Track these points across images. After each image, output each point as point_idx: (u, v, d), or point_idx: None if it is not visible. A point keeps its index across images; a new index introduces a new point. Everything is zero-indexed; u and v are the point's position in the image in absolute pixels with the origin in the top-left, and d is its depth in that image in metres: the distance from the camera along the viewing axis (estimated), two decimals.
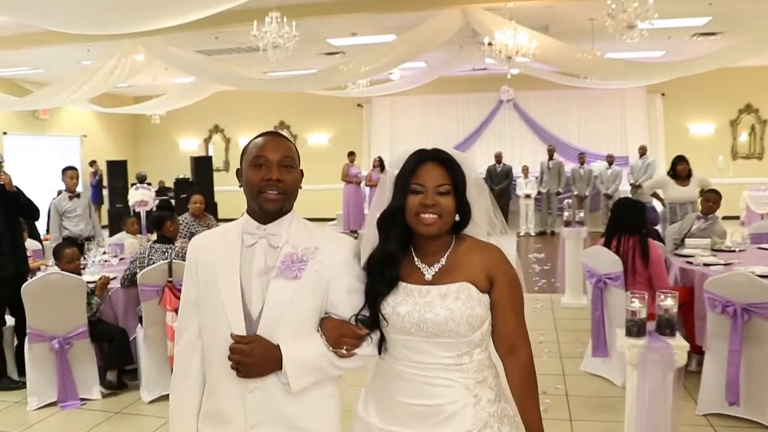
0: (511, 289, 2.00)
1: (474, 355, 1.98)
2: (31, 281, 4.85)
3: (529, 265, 10.35)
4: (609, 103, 16.21)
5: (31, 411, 4.85)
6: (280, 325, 1.91)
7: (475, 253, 2.00)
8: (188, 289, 2.06)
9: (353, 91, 13.56)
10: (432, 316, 1.92)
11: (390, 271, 1.99)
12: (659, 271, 4.89)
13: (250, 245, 1.98)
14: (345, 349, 1.93)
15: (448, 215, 1.97)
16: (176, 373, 2.09)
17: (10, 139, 15.06)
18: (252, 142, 2.03)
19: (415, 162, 2.00)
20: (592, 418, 4.43)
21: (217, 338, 1.94)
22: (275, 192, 1.94)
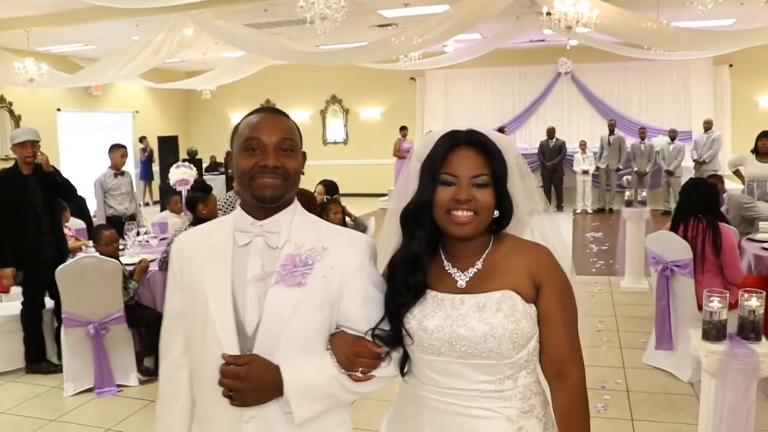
0: (562, 298, 1.65)
1: (519, 380, 1.63)
2: (65, 264, 4.70)
3: (586, 245, 9.92)
4: (672, 75, 15.43)
5: (68, 397, 4.74)
6: (280, 342, 1.58)
7: (518, 255, 1.66)
8: (172, 297, 1.74)
9: (405, 64, 13.17)
10: (467, 331, 1.58)
11: (415, 278, 1.65)
12: (732, 260, 4.47)
13: (243, 245, 1.65)
14: (360, 371, 1.60)
15: (485, 212, 1.62)
16: (162, 396, 1.78)
17: (64, 115, 15.20)
18: (243, 120, 1.69)
19: (446, 147, 1.65)
20: (656, 418, 4.07)
21: (206, 358, 1.62)
22: (273, 177, 1.61)
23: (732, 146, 14.30)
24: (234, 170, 1.66)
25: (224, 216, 1.79)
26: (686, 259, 4.48)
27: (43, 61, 11.60)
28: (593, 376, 4.69)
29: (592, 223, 12.21)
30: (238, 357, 1.57)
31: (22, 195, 5.15)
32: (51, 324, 5.37)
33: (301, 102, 17.89)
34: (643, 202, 7.27)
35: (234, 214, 1.71)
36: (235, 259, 1.64)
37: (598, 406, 4.23)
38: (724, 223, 4.61)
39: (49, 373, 5.14)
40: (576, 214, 13.36)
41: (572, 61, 15.61)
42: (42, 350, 5.29)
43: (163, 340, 1.78)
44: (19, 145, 5.16)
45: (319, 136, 18.10)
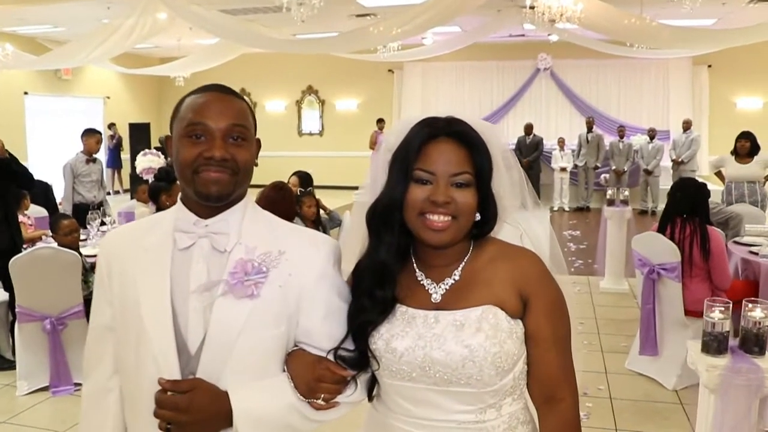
0: (553, 313, 1.43)
1: (503, 408, 1.41)
2: (19, 256, 4.40)
3: (564, 243, 9.75)
4: (652, 74, 15.37)
5: (21, 396, 4.45)
6: (229, 363, 1.35)
7: (502, 263, 1.43)
8: (100, 309, 1.47)
9: (383, 55, 12.95)
10: (442, 355, 1.36)
11: (382, 291, 1.41)
12: (720, 264, 4.32)
13: (185, 248, 1.39)
14: (322, 398, 1.37)
15: (466, 217, 1.39)
16: (84, 427, 1.52)
17: (32, 99, 14.73)
18: (186, 99, 1.41)
19: (422, 138, 1.40)
20: (641, 427, 3.91)
21: (141, 382, 1.36)
22: (220, 171, 1.35)
23: (709, 147, 14.28)
24: (174, 160, 1.40)
25: (161, 212, 1.52)
26: (674, 262, 4.32)
27: (10, 42, 11.20)
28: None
29: (570, 221, 12.08)
30: (178, 383, 1.32)
31: None
32: (5, 318, 5.06)
33: (276, 92, 17.62)
34: (625, 201, 7.12)
35: (174, 211, 1.44)
36: (175, 264, 1.38)
37: (580, 414, 4.04)
38: (712, 227, 4.44)
39: (2, 370, 4.85)
40: (553, 211, 13.24)
41: (552, 57, 15.48)
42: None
43: (86, 358, 1.52)
44: None
45: (295, 127, 17.82)
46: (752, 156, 7.25)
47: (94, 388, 1.50)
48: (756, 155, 7.27)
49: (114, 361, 1.45)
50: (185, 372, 1.35)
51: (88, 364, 1.51)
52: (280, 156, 15.66)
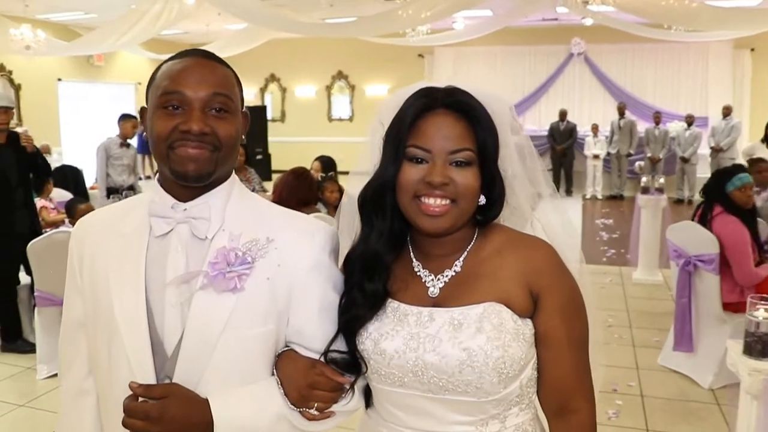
0: (567, 311, 1.25)
1: (508, 419, 1.25)
2: (36, 240, 4.36)
3: (596, 232, 9.53)
4: (690, 58, 14.89)
5: (41, 380, 4.42)
6: (209, 366, 1.20)
7: (510, 255, 1.25)
8: (71, 303, 1.33)
9: (412, 40, 12.75)
10: (436, 359, 1.20)
11: (373, 283, 1.25)
12: (736, 258, 4.05)
13: (162, 235, 1.24)
14: (316, 407, 1.21)
15: (467, 200, 1.22)
16: (64, 428, 1.39)
17: (65, 85, 14.86)
18: (163, 66, 1.25)
19: (416, 110, 1.23)
20: (674, 429, 3.72)
21: (113, 384, 1.23)
22: (198, 148, 1.19)
23: (749, 134, 13.82)
24: (148, 134, 1.24)
25: (141, 194, 1.36)
26: (712, 254, 4.08)
27: (43, 29, 11.25)
28: (604, 377, 4.33)
29: (603, 209, 11.80)
30: (151, 388, 1.17)
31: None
32: (28, 301, 5.04)
33: (306, 78, 17.52)
34: (660, 190, 6.87)
35: (149, 194, 1.28)
36: (150, 253, 1.23)
37: (609, 412, 3.86)
38: (733, 215, 4.14)
39: (25, 353, 4.82)
40: (585, 199, 12.96)
41: (586, 42, 15.11)
42: (17, 329, 4.98)
43: (60, 357, 1.38)
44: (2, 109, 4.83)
45: (325, 112, 17.70)
46: None
47: (70, 390, 1.37)
48: None
49: (88, 361, 1.32)
50: (161, 375, 1.21)
51: (62, 364, 1.39)
52: (310, 141, 15.62)
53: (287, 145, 15.89)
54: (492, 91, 1.32)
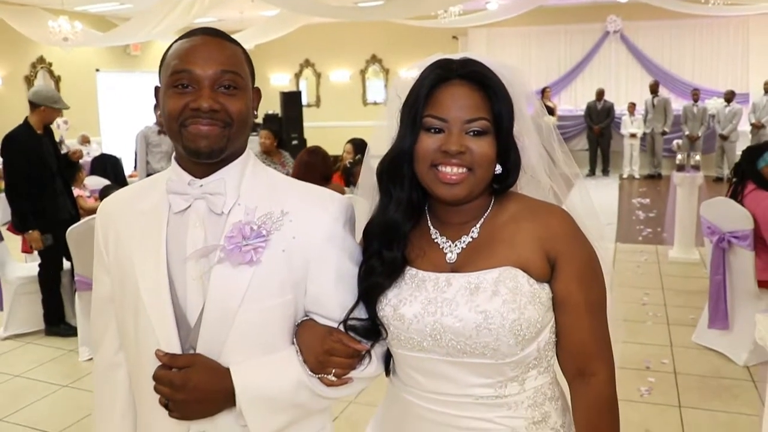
0: (585, 276, 1.27)
1: (527, 382, 1.28)
2: (75, 225, 4.49)
3: (632, 212, 9.44)
4: (730, 33, 14.51)
5: (83, 361, 4.58)
6: (230, 336, 1.24)
7: (527, 221, 1.28)
8: (99, 280, 1.39)
9: (444, 21, 12.68)
10: (454, 321, 1.23)
11: (391, 252, 1.29)
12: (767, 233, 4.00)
13: (180, 211, 1.28)
14: (334, 372, 1.25)
15: (483, 168, 1.25)
16: (97, 402, 1.44)
17: (103, 75, 15.14)
18: (173, 45, 1.28)
19: (432, 80, 1.25)
20: (707, 406, 3.70)
21: (141, 356, 1.28)
22: (209, 124, 1.22)
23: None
24: (161, 113, 1.27)
25: (156, 174, 1.41)
26: (746, 230, 4.04)
27: (81, 21, 11.47)
28: (637, 354, 4.35)
29: (640, 188, 11.67)
30: (175, 357, 1.23)
31: (38, 154, 4.95)
32: (69, 286, 5.19)
33: (340, 62, 17.53)
34: (696, 167, 6.77)
35: (168, 172, 1.33)
36: (171, 229, 1.28)
37: (642, 389, 3.86)
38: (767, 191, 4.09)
39: (68, 336, 4.99)
40: (623, 179, 12.83)
41: (621, 19, 14.83)
42: (61, 312, 5.14)
43: (93, 332, 1.44)
44: (54, 109, 5.01)
45: (359, 96, 17.73)
46: None
47: (102, 365, 1.44)
48: None
49: (118, 335, 1.38)
50: (185, 346, 1.26)
51: (95, 339, 1.45)
52: (345, 126, 15.65)
53: (323, 129, 15.96)
54: (508, 62, 1.35)
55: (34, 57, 13.90)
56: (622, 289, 5.76)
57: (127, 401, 1.41)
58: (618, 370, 3.63)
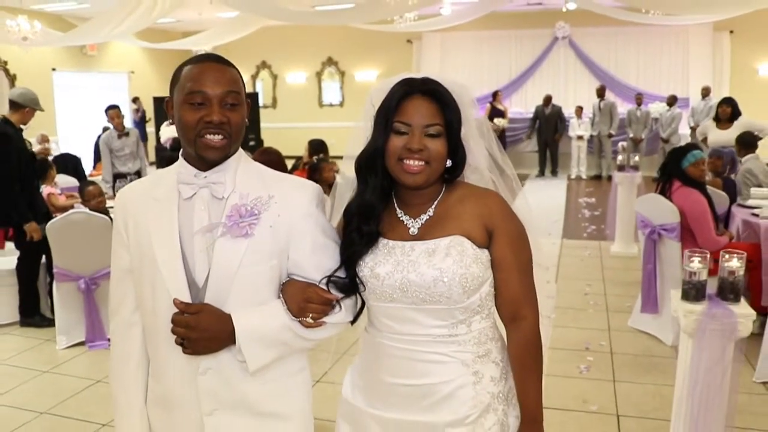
0: (515, 243, 1.65)
1: (473, 324, 1.65)
2: (55, 220, 4.72)
3: (578, 210, 9.96)
4: (671, 41, 15.29)
5: (61, 350, 4.81)
6: (231, 292, 1.58)
7: (470, 202, 1.66)
8: (119, 255, 1.71)
9: (400, 26, 13.06)
10: (416, 277, 1.59)
11: (368, 226, 1.66)
12: (699, 226, 4.46)
13: (188, 198, 1.62)
14: (311, 317, 1.60)
15: (437, 162, 1.62)
16: (115, 355, 1.76)
17: (59, 75, 15.09)
18: (185, 70, 1.61)
19: (400, 95, 1.63)
20: (638, 380, 4.12)
21: (157, 312, 1.61)
22: (219, 137, 1.57)
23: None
24: (176, 123, 1.62)
25: (166, 167, 1.75)
26: (674, 223, 4.49)
27: (38, 20, 11.46)
28: (577, 337, 4.78)
29: (586, 188, 12.23)
30: (189, 305, 1.56)
31: (23, 151, 5.21)
32: (44, 279, 5.41)
33: (297, 64, 17.77)
34: (635, 167, 7.26)
35: (176, 166, 1.67)
36: (181, 212, 1.62)
37: (581, 367, 4.28)
38: (692, 188, 4.56)
39: (42, 327, 5.21)
40: (570, 179, 13.37)
41: (570, 26, 15.46)
42: (36, 304, 5.35)
43: (112, 299, 1.76)
44: (33, 110, 5.25)
45: (316, 98, 18.01)
46: (733, 122, 7.36)
47: (120, 324, 1.74)
48: (736, 121, 7.36)
49: (135, 299, 1.70)
50: (195, 301, 1.59)
51: (113, 304, 1.76)
52: (301, 127, 15.91)
53: (279, 131, 16.17)
54: (457, 80, 1.72)
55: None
56: (566, 281, 6.23)
57: (141, 352, 1.73)
58: (560, 351, 4.14)
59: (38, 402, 3.99)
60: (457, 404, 1.64)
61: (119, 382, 1.75)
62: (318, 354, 3.90)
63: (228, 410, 1.63)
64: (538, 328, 1.68)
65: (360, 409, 1.75)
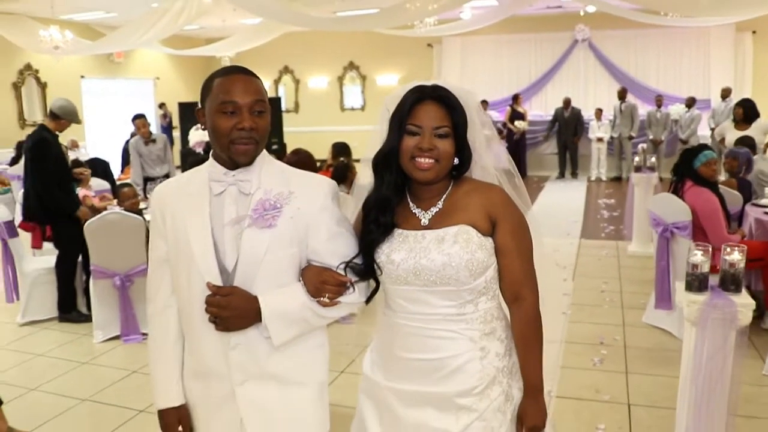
0: (516, 231, 1.84)
1: (479, 304, 1.84)
2: (92, 220, 4.97)
3: (597, 211, 10.07)
4: (692, 42, 15.32)
5: (98, 343, 5.07)
6: (257, 277, 1.79)
7: (475, 195, 1.85)
8: (156, 245, 1.92)
9: (420, 30, 13.24)
10: (428, 262, 1.79)
11: (384, 218, 1.85)
12: (711, 225, 4.61)
13: (218, 194, 1.83)
14: (327, 297, 1.80)
15: (445, 160, 1.81)
16: (153, 334, 1.98)
17: (87, 82, 15.47)
18: (216, 82, 1.80)
19: (412, 100, 1.82)
20: (650, 372, 4.27)
21: (192, 295, 1.82)
22: (249, 143, 1.78)
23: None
24: (209, 129, 1.81)
25: (196, 167, 1.95)
26: (686, 221, 4.63)
27: (67, 29, 11.81)
28: (592, 332, 4.93)
29: (606, 190, 12.32)
30: (221, 287, 1.77)
31: (61, 155, 5.51)
32: (80, 277, 5.68)
33: (318, 69, 18.01)
34: (651, 168, 7.38)
35: (207, 166, 1.87)
36: (212, 206, 1.82)
37: (595, 359, 4.44)
38: (703, 187, 4.71)
39: (79, 323, 5.48)
40: (590, 181, 13.47)
41: (589, 28, 15.56)
42: (73, 301, 5.62)
43: (150, 285, 1.96)
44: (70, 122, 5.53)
45: (337, 102, 18.25)
46: (750, 122, 7.43)
47: (158, 306, 1.95)
48: (754, 122, 7.43)
49: (170, 284, 1.91)
50: (225, 285, 1.79)
51: (150, 290, 1.97)
52: (323, 131, 16.14)
53: (301, 135, 16.41)
54: (464, 86, 1.93)
55: (21, 64, 14.19)
56: (583, 279, 6.39)
57: (177, 331, 1.93)
58: (575, 344, 4.33)
59: (79, 390, 4.25)
60: (465, 377, 1.83)
61: (158, 358, 1.96)
62: (343, 347, 4.13)
63: (256, 380, 1.84)
64: (537, 308, 1.87)
65: (379, 384, 1.95)
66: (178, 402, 1.95)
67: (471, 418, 1.84)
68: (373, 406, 1.99)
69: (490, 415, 1.85)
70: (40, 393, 4.23)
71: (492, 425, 1.85)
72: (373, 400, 1.99)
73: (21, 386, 4.29)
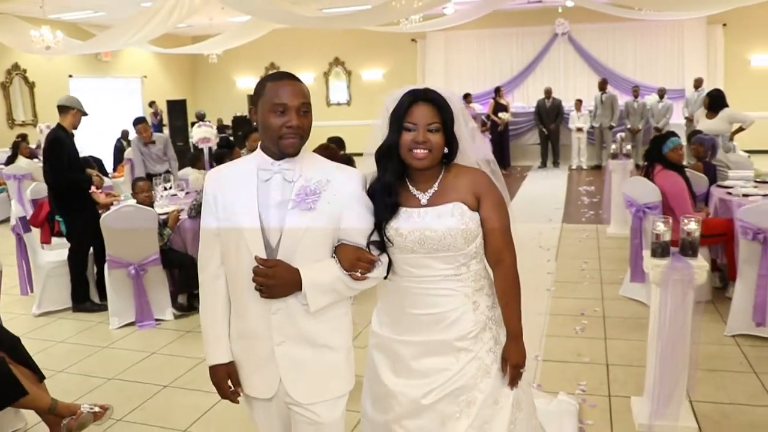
0: (496, 207, 2.22)
1: (471, 266, 2.24)
2: (107, 213, 5.31)
3: (578, 198, 10.52)
4: (667, 35, 15.86)
5: (114, 329, 5.39)
6: (297, 252, 2.04)
7: (463, 177, 2.23)
8: (208, 221, 2.16)
9: (406, 27, 13.58)
10: (431, 233, 2.16)
11: (390, 199, 2.20)
12: (678, 204, 5.01)
13: (265, 180, 2.09)
14: (360, 272, 2.09)
15: (437, 150, 2.18)
16: (205, 300, 2.23)
17: (76, 81, 15.73)
18: (268, 86, 2.06)
19: (408, 102, 2.19)
20: (626, 337, 4.70)
21: (240, 266, 2.08)
22: (295, 138, 2.05)
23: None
24: (261, 126, 2.08)
25: (247, 156, 2.25)
26: (656, 201, 5.06)
27: (56, 29, 12.00)
28: (574, 305, 5.37)
29: (586, 178, 12.78)
30: (267, 261, 2.04)
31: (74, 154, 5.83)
32: (92, 269, 6.01)
33: (304, 65, 18.22)
34: (627, 155, 7.83)
35: (255, 156, 2.19)
36: (259, 191, 2.09)
37: (576, 328, 4.87)
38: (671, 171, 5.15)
39: (93, 312, 5.80)
40: (571, 170, 13.92)
41: (569, 22, 16.02)
42: (86, 291, 5.93)
43: (202, 256, 2.25)
44: (81, 113, 5.90)
45: (323, 97, 18.57)
46: (716, 111, 7.86)
47: (209, 277, 2.24)
48: (721, 111, 7.86)
49: (220, 256, 2.17)
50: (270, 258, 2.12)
51: (203, 261, 2.26)
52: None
53: None
54: (452, 89, 2.35)
55: (8, 64, 14.40)
56: (565, 259, 6.83)
57: (226, 298, 2.19)
58: (558, 316, 4.81)
59: (104, 370, 4.59)
60: (461, 325, 2.25)
61: (209, 321, 2.26)
62: None
63: (293, 341, 2.11)
64: (516, 269, 2.29)
65: (389, 338, 2.35)
66: (227, 359, 2.21)
67: (468, 357, 2.27)
68: (384, 357, 2.38)
69: (483, 354, 2.28)
70: (67, 374, 4.56)
71: (485, 362, 2.28)
72: (384, 352, 2.38)
73: (48, 369, 4.57)
